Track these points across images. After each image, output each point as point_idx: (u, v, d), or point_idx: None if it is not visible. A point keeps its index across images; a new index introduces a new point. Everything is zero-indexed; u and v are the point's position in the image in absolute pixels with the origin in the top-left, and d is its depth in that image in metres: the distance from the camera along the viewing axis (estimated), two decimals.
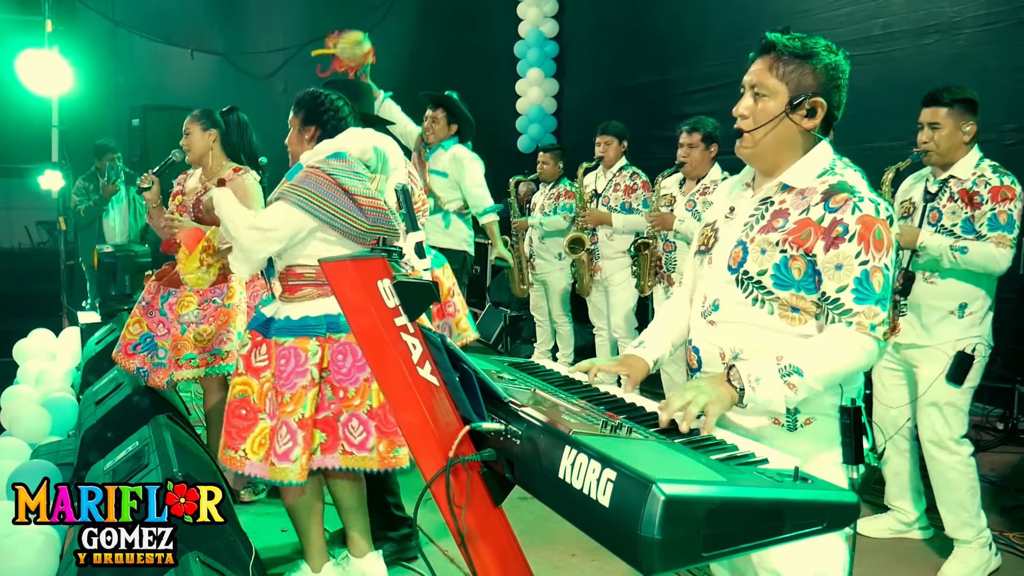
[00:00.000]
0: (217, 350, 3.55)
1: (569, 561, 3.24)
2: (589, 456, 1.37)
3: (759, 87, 1.80)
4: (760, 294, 1.79)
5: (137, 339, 3.69)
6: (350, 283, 1.78)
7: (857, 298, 1.70)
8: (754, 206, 1.86)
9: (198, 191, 3.70)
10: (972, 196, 3.03)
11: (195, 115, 3.75)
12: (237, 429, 2.69)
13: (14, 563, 2.82)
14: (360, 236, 2.69)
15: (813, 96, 1.78)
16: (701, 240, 1.98)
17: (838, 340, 1.70)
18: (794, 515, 1.37)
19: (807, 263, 1.74)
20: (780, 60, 1.79)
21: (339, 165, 2.68)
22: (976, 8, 4.73)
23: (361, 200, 2.65)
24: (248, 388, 2.71)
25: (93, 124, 7.48)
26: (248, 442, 2.67)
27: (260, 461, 2.66)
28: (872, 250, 1.69)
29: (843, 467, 1.75)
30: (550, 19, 8.40)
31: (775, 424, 1.80)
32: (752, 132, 1.82)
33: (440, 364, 1.75)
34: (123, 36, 7.87)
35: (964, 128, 3.06)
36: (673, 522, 1.24)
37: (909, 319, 3.21)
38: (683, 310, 2.05)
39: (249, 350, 2.76)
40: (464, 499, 1.69)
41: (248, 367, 2.73)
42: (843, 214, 1.71)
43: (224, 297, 3.62)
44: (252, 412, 2.69)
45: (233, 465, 2.70)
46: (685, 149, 4.42)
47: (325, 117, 2.84)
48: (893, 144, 4.76)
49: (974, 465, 3.18)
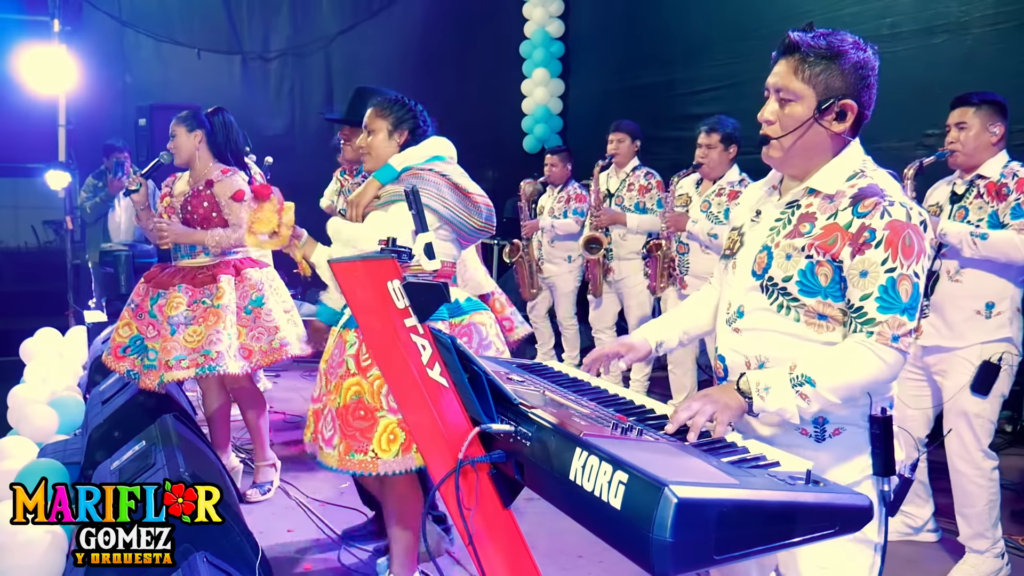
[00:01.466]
0: (207, 350, 3.50)
1: (576, 563, 3.23)
2: (600, 458, 1.37)
3: (784, 91, 1.72)
4: (786, 301, 1.72)
5: (127, 341, 3.66)
6: (360, 284, 1.78)
7: (881, 307, 1.62)
8: (780, 210, 1.79)
9: (186, 193, 3.70)
10: (999, 188, 2.98)
11: (180, 117, 3.75)
12: (360, 431, 2.61)
13: (21, 562, 2.83)
14: (472, 233, 2.69)
15: (843, 99, 1.69)
16: (727, 244, 1.92)
17: (855, 351, 1.63)
18: (806, 518, 1.36)
19: (834, 269, 1.66)
20: (806, 62, 1.70)
21: (444, 167, 2.70)
22: (984, 8, 4.70)
23: (476, 197, 2.67)
24: (361, 388, 2.65)
25: (100, 124, 7.48)
26: (375, 441, 2.59)
27: (395, 456, 2.59)
28: (900, 257, 1.61)
29: (874, 479, 1.69)
30: (556, 19, 8.40)
31: (803, 434, 1.73)
32: (780, 139, 1.74)
33: (450, 365, 1.75)
34: (130, 36, 7.87)
35: (992, 129, 3.02)
36: (685, 525, 1.23)
37: (932, 320, 3.12)
38: (704, 305, 2.01)
39: (357, 349, 2.70)
40: (473, 500, 1.69)
41: (358, 367, 2.67)
42: (871, 219, 1.63)
43: (213, 298, 3.59)
44: (369, 412, 2.62)
45: (364, 468, 2.60)
46: (703, 150, 4.38)
47: (419, 121, 2.82)
48: (901, 144, 4.75)
49: (996, 479, 3.12)
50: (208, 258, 3.70)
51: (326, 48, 8.46)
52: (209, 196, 3.65)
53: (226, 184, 3.64)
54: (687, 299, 2.10)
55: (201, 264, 3.69)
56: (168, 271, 3.73)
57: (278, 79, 8.34)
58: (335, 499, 3.79)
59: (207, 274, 3.65)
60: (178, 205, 3.71)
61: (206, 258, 3.70)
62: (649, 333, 2.00)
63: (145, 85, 7.69)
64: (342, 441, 2.62)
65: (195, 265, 3.70)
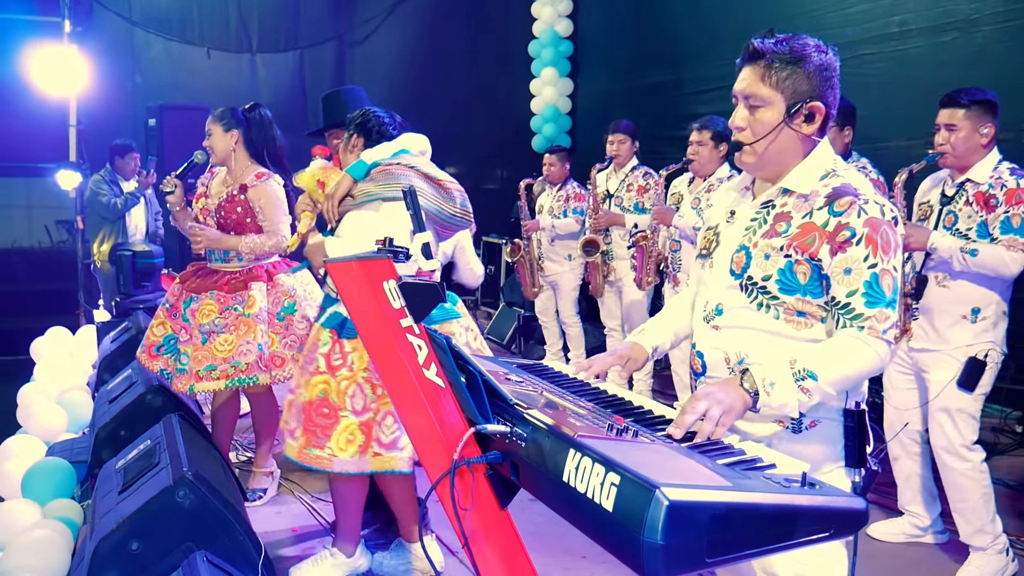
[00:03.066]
0: (237, 361, 3.49)
1: (578, 563, 3.23)
2: (593, 459, 1.36)
3: (753, 97, 1.77)
4: (765, 299, 1.77)
5: (161, 340, 3.64)
6: (356, 284, 1.77)
7: (868, 302, 1.68)
8: (755, 210, 1.84)
9: (221, 197, 3.65)
10: (988, 199, 2.97)
11: (216, 115, 3.68)
12: (321, 428, 2.73)
13: (27, 560, 2.85)
14: (450, 220, 2.73)
15: (810, 101, 1.74)
16: (703, 244, 1.97)
17: (851, 345, 1.68)
18: (801, 521, 1.35)
19: (812, 267, 1.72)
20: (771, 68, 1.74)
21: (411, 159, 2.77)
22: (994, 5, 4.67)
23: (447, 184, 2.72)
24: (328, 387, 2.76)
25: (110, 124, 7.52)
26: (333, 440, 2.71)
27: (351, 456, 2.70)
28: (880, 253, 1.68)
29: (846, 470, 1.74)
30: (565, 18, 8.39)
31: (780, 426, 1.78)
32: (753, 144, 1.78)
33: (446, 366, 1.74)
34: (140, 35, 7.91)
35: (982, 130, 3.00)
36: (677, 527, 1.22)
37: (921, 323, 3.17)
38: (688, 306, 2.04)
39: (328, 349, 2.79)
40: (469, 501, 1.68)
41: (328, 366, 2.77)
42: (848, 218, 1.69)
43: (245, 306, 3.55)
44: (333, 410, 2.73)
45: (320, 464, 2.73)
46: (694, 147, 4.40)
47: (371, 124, 2.94)
48: (910, 143, 4.72)
49: (987, 471, 3.13)
50: (241, 263, 3.66)
51: (336, 48, 8.48)
52: (243, 201, 3.60)
53: (260, 190, 3.59)
54: (672, 300, 2.15)
55: (234, 269, 3.66)
56: (201, 274, 3.68)
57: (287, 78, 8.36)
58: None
59: (239, 280, 3.60)
60: (213, 208, 3.66)
61: (239, 263, 3.67)
62: (644, 339, 2.04)
63: (155, 85, 7.73)
64: (303, 435, 2.75)
65: (229, 269, 3.66)
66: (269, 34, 8.32)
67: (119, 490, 2.87)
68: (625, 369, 1.99)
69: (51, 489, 3.52)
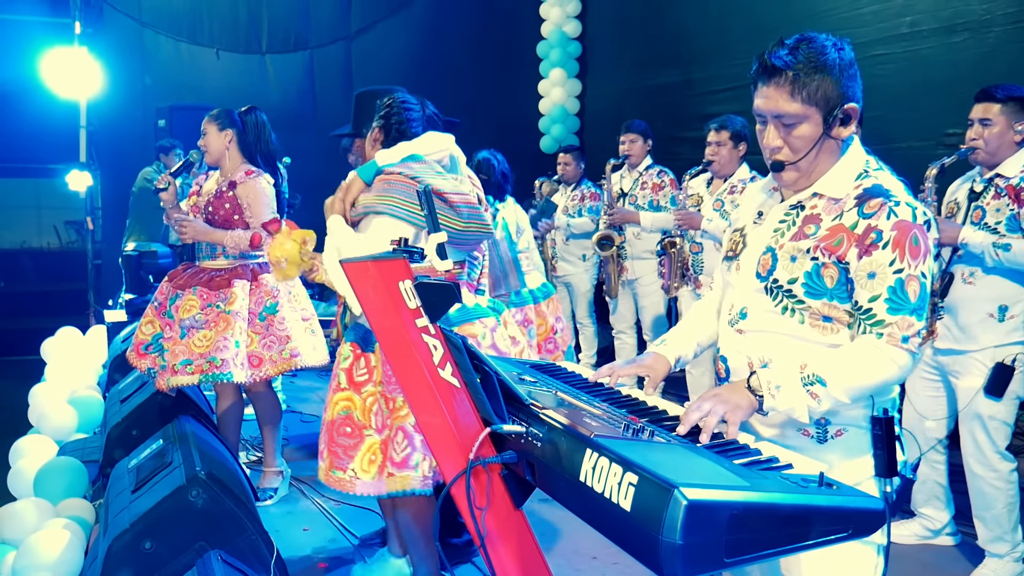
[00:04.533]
0: (213, 357, 3.50)
1: (590, 564, 3.22)
2: (611, 459, 1.36)
3: (786, 116, 1.68)
4: (791, 303, 1.71)
5: (149, 339, 3.67)
6: (372, 284, 1.78)
7: (891, 308, 1.61)
8: (784, 211, 1.78)
9: (211, 193, 3.70)
10: (1019, 192, 2.92)
11: (212, 115, 3.73)
12: (344, 448, 2.57)
13: (41, 559, 2.86)
14: (456, 235, 2.50)
15: (844, 104, 1.68)
16: (729, 246, 1.91)
17: (867, 352, 1.62)
18: (818, 521, 1.35)
19: (840, 271, 1.65)
20: (798, 82, 1.66)
21: (419, 167, 2.57)
22: (1006, 6, 4.64)
23: (452, 197, 2.51)
24: (351, 404, 2.60)
25: (120, 125, 7.56)
26: (357, 460, 2.55)
27: (373, 479, 2.55)
28: (908, 257, 1.60)
29: (876, 480, 1.68)
30: (573, 19, 8.38)
31: (804, 435, 1.73)
32: (796, 163, 1.71)
33: (461, 366, 1.75)
34: (149, 37, 7.94)
35: (1016, 127, 2.95)
36: (695, 527, 1.22)
37: (946, 322, 3.11)
38: (712, 312, 1.99)
39: (350, 364, 2.65)
40: (484, 501, 1.68)
41: (350, 381, 2.63)
42: (878, 220, 1.62)
43: (226, 303, 3.58)
44: (357, 429, 2.58)
45: (343, 487, 2.57)
46: (713, 147, 4.37)
47: (393, 120, 2.71)
48: (922, 144, 4.70)
49: (1015, 481, 3.09)
50: (228, 261, 3.69)
51: (345, 48, 8.50)
52: (232, 198, 3.64)
53: (248, 186, 3.62)
54: (694, 306, 2.08)
55: (220, 266, 3.69)
56: (189, 272, 3.72)
57: (297, 78, 8.38)
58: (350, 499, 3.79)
59: (224, 278, 3.64)
60: (202, 204, 3.71)
61: (226, 260, 3.69)
62: (666, 350, 1.97)
63: (164, 86, 7.75)
64: (328, 456, 2.60)
65: (215, 267, 3.70)
66: (279, 35, 8.34)
67: (132, 489, 2.88)
68: (650, 382, 1.89)
69: (63, 488, 3.54)
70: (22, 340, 6.55)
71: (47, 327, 6.12)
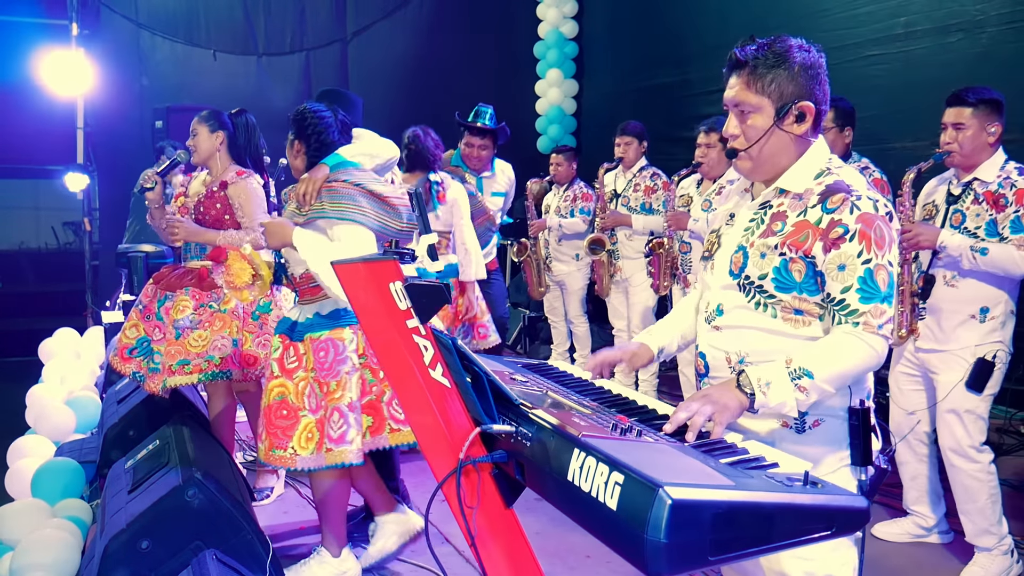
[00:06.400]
0: (211, 356, 3.52)
1: (583, 562, 3.24)
2: (598, 459, 1.38)
3: (742, 104, 1.80)
4: (762, 298, 1.79)
5: (134, 343, 3.65)
6: (362, 285, 1.79)
7: (863, 297, 1.69)
8: (753, 211, 1.87)
9: (201, 194, 3.69)
10: (998, 198, 2.97)
11: (203, 116, 3.73)
12: (282, 429, 2.83)
13: (38, 559, 2.87)
14: (397, 236, 2.77)
15: (798, 101, 1.77)
16: (706, 247, 2.00)
17: (846, 341, 1.70)
18: (802, 520, 1.36)
19: (806, 265, 1.74)
20: (756, 73, 1.78)
21: (359, 174, 2.82)
22: (1000, 6, 4.66)
23: (393, 200, 2.77)
24: (285, 389, 2.86)
25: (117, 126, 7.55)
26: (295, 439, 2.81)
27: (311, 454, 2.80)
28: (874, 248, 1.69)
29: (851, 469, 1.75)
30: (569, 20, 8.40)
31: (783, 426, 1.79)
32: (747, 150, 1.82)
33: (451, 366, 1.76)
34: (146, 38, 7.93)
35: (989, 129, 3.00)
36: (680, 526, 1.24)
37: (928, 323, 3.17)
38: (694, 310, 2.06)
39: (281, 353, 2.91)
40: (475, 500, 1.70)
41: (282, 369, 2.89)
42: (841, 214, 1.70)
43: (220, 302, 3.59)
44: (292, 411, 2.83)
45: (284, 463, 2.82)
46: (703, 149, 4.41)
47: (309, 131, 2.96)
48: (916, 144, 4.71)
49: (995, 472, 3.13)
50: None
51: (342, 49, 8.50)
52: (223, 198, 3.64)
53: (240, 187, 3.63)
54: (679, 303, 2.16)
55: (209, 266, 3.67)
56: (177, 272, 3.70)
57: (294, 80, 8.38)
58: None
59: (213, 279, 3.63)
60: (192, 205, 3.70)
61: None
62: (650, 339, 2.07)
63: (161, 87, 7.74)
64: (267, 438, 2.84)
65: (205, 266, 3.68)
66: (275, 36, 8.33)
67: (128, 490, 2.90)
68: (628, 364, 2.01)
69: (60, 489, 3.55)
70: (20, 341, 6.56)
71: (45, 328, 6.14)
